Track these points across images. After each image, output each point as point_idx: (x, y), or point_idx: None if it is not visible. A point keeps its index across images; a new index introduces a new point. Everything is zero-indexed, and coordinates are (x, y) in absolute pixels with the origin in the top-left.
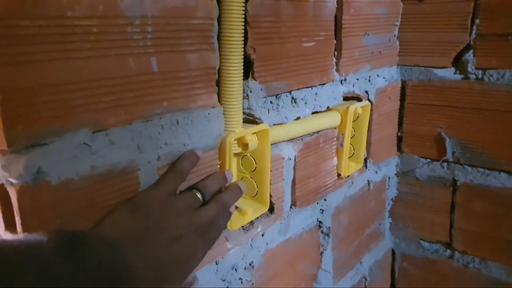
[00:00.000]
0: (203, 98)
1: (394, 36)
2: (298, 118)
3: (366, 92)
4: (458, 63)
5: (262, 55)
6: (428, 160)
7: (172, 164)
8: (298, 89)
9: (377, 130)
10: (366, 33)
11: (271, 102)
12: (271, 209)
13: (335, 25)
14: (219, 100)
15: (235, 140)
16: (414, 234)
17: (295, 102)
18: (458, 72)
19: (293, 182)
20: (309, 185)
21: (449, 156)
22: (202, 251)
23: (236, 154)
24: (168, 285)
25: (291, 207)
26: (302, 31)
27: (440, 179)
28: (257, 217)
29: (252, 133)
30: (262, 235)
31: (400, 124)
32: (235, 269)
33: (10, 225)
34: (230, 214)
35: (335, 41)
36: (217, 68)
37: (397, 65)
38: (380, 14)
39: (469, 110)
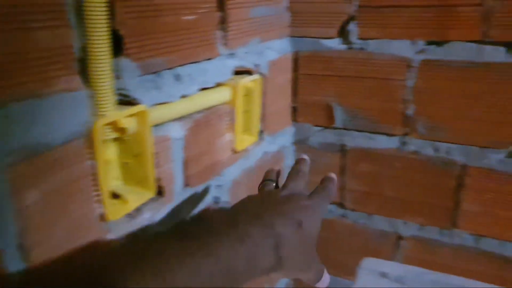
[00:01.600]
0: (61, 81)
1: (284, 7)
2: (184, 96)
3: (257, 65)
4: (343, 33)
5: (134, 30)
6: (320, 128)
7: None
8: (182, 65)
9: (270, 102)
10: (253, 5)
11: (150, 81)
12: (161, 193)
13: None
14: (87, 81)
15: (108, 124)
16: None
17: (179, 79)
18: (343, 42)
19: (184, 162)
20: (202, 163)
21: (338, 123)
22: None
23: (115, 139)
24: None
25: (183, 187)
26: (181, 3)
27: (331, 145)
28: (145, 203)
29: (129, 116)
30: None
31: (294, 95)
32: None
33: None
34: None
35: (220, 14)
36: (79, 46)
37: (289, 36)
38: None
39: (354, 79)
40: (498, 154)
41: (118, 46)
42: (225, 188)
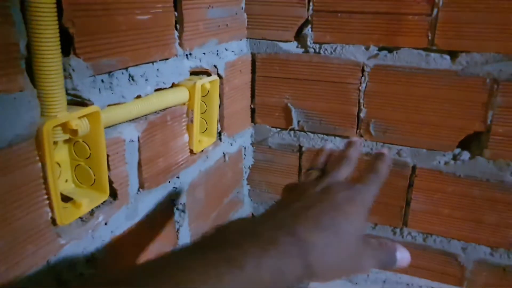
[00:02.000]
0: (3, 81)
1: (241, 9)
2: (139, 97)
3: (215, 66)
4: (299, 37)
5: (85, 29)
6: (278, 129)
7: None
8: (136, 66)
9: (229, 103)
10: (210, 6)
11: (102, 81)
12: (114, 196)
13: None
14: (34, 81)
15: (59, 126)
16: (269, 197)
17: (133, 79)
18: (299, 46)
19: (139, 164)
20: (158, 165)
21: (294, 124)
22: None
23: (66, 141)
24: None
25: (138, 190)
26: (134, 2)
27: (288, 146)
28: (98, 206)
29: (81, 117)
30: (105, 223)
31: (252, 96)
32: (74, 265)
33: None
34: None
35: (175, 14)
36: (24, 44)
37: (246, 38)
38: None
39: (310, 82)
40: (444, 157)
41: (68, 45)
42: (183, 190)
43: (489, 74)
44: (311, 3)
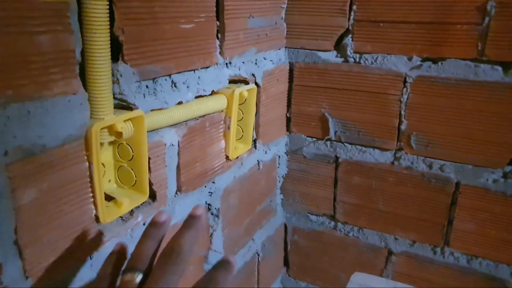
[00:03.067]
0: (60, 84)
1: (281, 18)
2: (180, 103)
3: (253, 75)
4: (339, 46)
5: (133, 37)
6: (314, 139)
7: None
8: (179, 73)
9: (265, 112)
10: (251, 15)
11: (147, 87)
12: (154, 197)
13: (217, 7)
14: (85, 85)
15: (105, 128)
16: (303, 208)
17: (175, 86)
18: (339, 55)
19: (178, 168)
20: (195, 169)
21: (331, 135)
22: None
23: (111, 143)
24: None
25: (176, 193)
26: (179, 12)
27: (324, 157)
28: (138, 207)
29: (126, 120)
30: (144, 224)
31: (288, 105)
32: None
33: None
34: None
35: (217, 23)
36: (79, 50)
37: (285, 47)
38: None
39: (349, 92)
40: (493, 174)
41: (117, 52)
42: (217, 195)
43: None
44: (352, 13)
